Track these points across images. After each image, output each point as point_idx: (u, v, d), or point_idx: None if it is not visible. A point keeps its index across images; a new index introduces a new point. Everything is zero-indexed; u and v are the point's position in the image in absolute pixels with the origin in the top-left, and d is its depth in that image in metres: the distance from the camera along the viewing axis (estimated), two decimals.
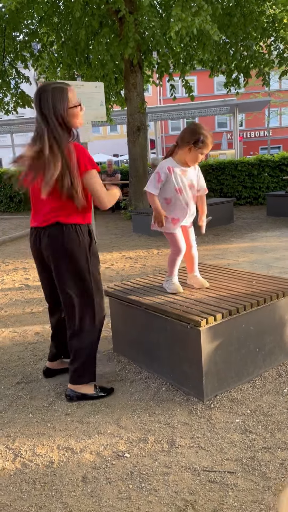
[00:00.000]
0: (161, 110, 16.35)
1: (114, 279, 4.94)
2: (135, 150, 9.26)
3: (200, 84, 30.44)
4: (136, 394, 2.47)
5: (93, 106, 6.27)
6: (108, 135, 30.70)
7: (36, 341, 3.35)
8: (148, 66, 10.06)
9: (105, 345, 3.18)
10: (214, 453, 1.93)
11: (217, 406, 2.28)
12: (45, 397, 2.50)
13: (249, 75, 9.69)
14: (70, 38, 9.52)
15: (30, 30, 9.93)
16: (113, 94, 10.86)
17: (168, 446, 2.00)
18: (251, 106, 17.23)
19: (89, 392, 2.46)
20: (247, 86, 10.36)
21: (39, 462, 1.95)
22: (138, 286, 2.95)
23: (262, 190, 10.87)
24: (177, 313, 2.37)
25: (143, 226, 7.90)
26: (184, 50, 9.49)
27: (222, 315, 2.32)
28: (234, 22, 8.66)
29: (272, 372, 2.61)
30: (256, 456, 1.89)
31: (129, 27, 7.93)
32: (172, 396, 2.41)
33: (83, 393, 2.45)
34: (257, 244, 6.46)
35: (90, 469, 1.88)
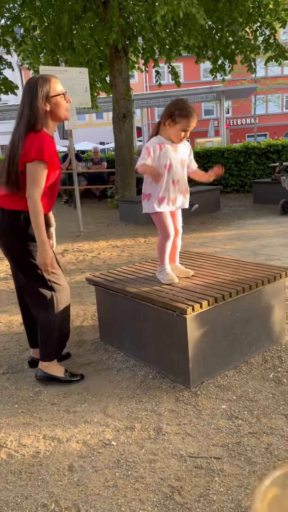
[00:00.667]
0: (147, 97, 16.18)
1: (101, 268, 4.91)
2: (121, 138, 9.16)
3: (186, 71, 30.19)
4: (123, 382, 2.47)
5: (77, 92, 6.16)
6: (94, 122, 30.36)
7: (22, 331, 3.32)
8: (133, 51, 9.91)
9: (91, 334, 3.16)
10: (200, 439, 1.93)
11: (204, 393, 2.29)
12: (31, 387, 2.49)
13: (234, 61, 9.61)
14: (53, 23, 9.29)
15: (12, 14, 9.67)
16: (98, 80, 10.69)
17: (154, 434, 2.00)
18: (237, 93, 17.15)
19: (58, 374, 2.48)
20: (233, 72, 10.29)
21: (25, 452, 1.94)
22: (125, 274, 2.93)
23: (249, 178, 10.88)
24: (163, 301, 2.36)
25: (130, 214, 7.85)
26: (170, 35, 9.35)
27: (208, 303, 2.31)
28: (219, 7, 8.55)
29: (258, 358, 2.63)
30: (242, 442, 1.90)
31: (113, 11, 7.78)
32: (159, 384, 2.41)
33: (52, 374, 2.47)
34: (243, 232, 6.48)
35: (76, 458, 1.88)
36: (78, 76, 6.20)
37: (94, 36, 8.53)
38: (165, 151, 2.52)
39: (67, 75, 6.03)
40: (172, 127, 2.48)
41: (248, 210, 8.49)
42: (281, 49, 9.32)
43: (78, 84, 6.16)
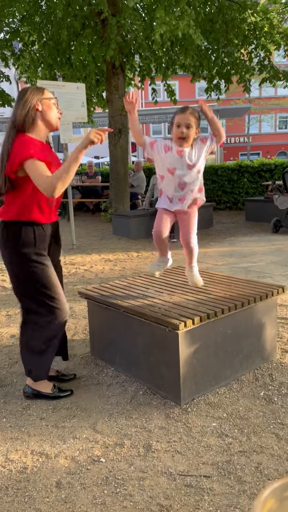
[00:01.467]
0: (142, 114, 16.36)
1: (93, 282, 4.90)
2: (116, 153, 9.23)
3: (181, 89, 30.67)
4: (113, 398, 2.45)
5: (74, 107, 6.22)
6: None
7: (12, 344, 3.29)
8: (130, 69, 10.06)
9: (82, 348, 3.14)
10: (190, 457, 1.92)
11: (194, 410, 2.28)
12: (19, 401, 2.45)
13: (230, 81, 9.79)
14: (51, 38, 9.43)
15: (11, 28, 9.80)
16: (95, 95, 10.81)
17: (144, 451, 1.98)
18: (231, 112, 17.43)
19: (45, 390, 2.45)
20: (228, 92, 10.47)
21: (12, 468, 1.90)
22: (117, 288, 2.93)
23: (242, 196, 10.99)
24: (155, 316, 2.36)
25: (123, 228, 7.88)
26: (167, 54, 9.53)
27: (200, 319, 2.32)
28: (216, 29, 8.75)
29: (249, 375, 2.62)
30: (232, 460, 1.89)
31: (111, 29, 7.91)
32: (149, 400, 2.40)
33: (40, 390, 2.44)
34: (235, 249, 6.52)
35: (64, 474, 1.85)
36: (75, 91, 6.27)
37: (92, 52, 8.65)
38: (170, 154, 2.54)
39: (64, 90, 6.10)
40: (172, 130, 2.53)
41: (240, 227, 8.56)
42: (275, 71, 9.53)
43: (75, 99, 6.23)
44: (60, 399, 2.44)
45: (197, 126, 2.51)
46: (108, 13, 7.69)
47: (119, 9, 8.33)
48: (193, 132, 2.49)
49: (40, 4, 9.18)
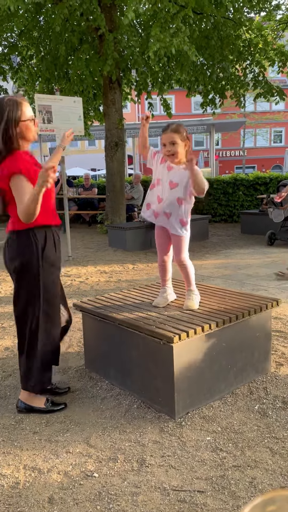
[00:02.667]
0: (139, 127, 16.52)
1: (88, 294, 4.90)
2: (113, 165, 9.29)
3: (177, 103, 31.02)
4: (107, 411, 2.43)
5: (71, 120, 6.28)
6: (86, 149, 30.79)
7: (6, 357, 3.27)
8: (127, 83, 10.19)
9: (76, 361, 3.13)
10: (184, 472, 1.90)
11: (189, 424, 2.27)
12: (12, 415, 2.43)
13: (224, 96, 9.93)
14: (49, 53, 9.56)
15: (9, 43, 9.93)
16: (92, 109, 10.92)
17: (138, 465, 1.96)
18: (227, 126, 17.65)
19: (39, 405, 2.43)
20: (223, 106, 10.62)
21: (4, 483, 1.88)
22: (112, 301, 2.93)
23: (237, 208, 11.06)
24: (150, 329, 2.36)
25: (119, 240, 7.89)
26: (163, 69, 9.67)
27: (195, 331, 2.32)
28: (211, 45, 8.90)
29: (243, 389, 2.62)
30: (226, 475, 1.88)
31: (108, 44, 8.04)
32: (144, 414, 2.38)
33: (32, 405, 2.43)
34: (230, 261, 6.54)
35: (57, 489, 1.83)
36: (72, 105, 6.33)
37: (89, 67, 8.78)
38: (162, 166, 2.61)
39: (62, 104, 6.16)
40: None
41: (235, 240, 8.60)
42: (269, 87, 9.68)
43: (72, 113, 6.29)
44: (54, 413, 2.42)
45: (183, 139, 2.54)
46: (105, 29, 7.81)
47: (116, 25, 8.48)
48: (180, 147, 2.53)
49: (38, 19, 9.32)
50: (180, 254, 2.69)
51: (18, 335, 2.44)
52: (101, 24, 7.71)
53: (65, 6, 7.47)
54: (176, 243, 2.69)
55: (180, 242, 2.68)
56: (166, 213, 2.60)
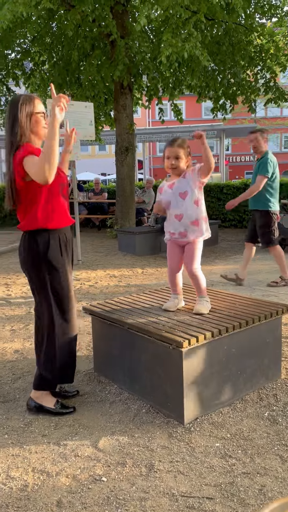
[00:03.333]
0: (149, 132, 16.59)
1: (97, 298, 4.91)
2: (123, 170, 9.33)
3: (188, 109, 31.08)
4: (115, 415, 2.43)
5: (82, 125, 6.33)
6: (97, 154, 30.94)
7: (15, 359, 3.28)
8: (138, 89, 10.24)
9: (85, 364, 3.13)
10: (193, 478, 1.89)
11: (197, 430, 2.26)
12: (21, 418, 2.44)
13: (235, 102, 9.93)
14: (61, 59, 9.66)
15: (22, 49, 10.05)
16: (103, 114, 10.99)
17: (146, 470, 1.95)
18: (237, 132, 17.62)
19: (48, 405, 2.45)
20: (234, 112, 10.61)
21: (12, 485, 1.88)
22: (122, 305, 2.93)
23: (247, 214, 11.02)
24: (159, 334, 2.36)
25: (129, 245, 7.90)
26: (173, 75, 9.71)
27: (205, 337, 2.31)
28: (222, 50, 8.92)
29: (253, 395, 2.60)
30: (235, 482, 1.86)
31: (120, 50, 8.09)
32: (152, 419, 2.38)
33: (42, 404, 2.44)
34: None
35: (65, 493, 1.83)
36: (83, 110, 6.38)
37: (101, 72, 8.84)
38: (164, 192, 2.72)
39: (73, 109, 6.21)
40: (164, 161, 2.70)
41: None
42: (281, 92, 9.66)
43: (83, 118, 6.34)
44: (62, 415, 2.43)
45: (187, 155, 2.63)
46: (117, 35, 7.88)
47: (127, 31, 8.54)
48: (183, 162, 2.62)
49: (51, 25, 9.42)
50: (192, 263, 2.69)
51: (35, 333, 2.49)
52: (112, 30, 7.77)
53: (78, 12, 7.55)
54: (191, 253, 2.69)
55: (194, 251, 2.68)
56: (193, 221, 2.64)
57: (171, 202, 2.66)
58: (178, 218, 2.65)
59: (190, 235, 2.65)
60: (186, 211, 2.62)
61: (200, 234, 2.67)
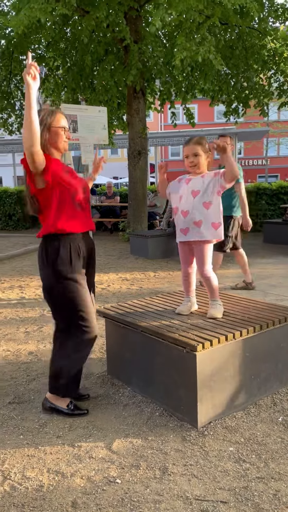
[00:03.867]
0: (162, 136, 16.64)
1: (110, 300, 4.93)
2: (135, 174, 9.37)
3: (200, 112, 31.09)
4: (129, 418, 2.44)
5: (96, 129, 6.38)
6: (109, 158, 31.10)
7: (30, 361, 3.32)
8: (150, 93, 10.30)
9: (99, 367, 3.15)
10: (207, 482, 1.89)
11: (211, 434, 2.26)
12: (36, 419, 2.47)
13: (248, 106, 9.91)
14: (75, 64, 9.76)
15: (37, 54, 10.18)
16: (116, 118, 11.06)
17: (160, 473, 1.96)
18: (250, 135, 17.57)
19: (62, 405, 2.48)
20: (246, 115, 10.59)
21: (28, 486, 1.91)
22: (135, 308, 2.95)
23: (260, 218, 10.97)
24: (173, 337, 2.37)
25: (141, 248, 7.93)
26: (186, 79, 9.74)
27: (219, 340, 2.31)
28: (235, 55, 8.92)
29: (266, 400, 2.59)
30: (249, 486, 1.86)
31: (133, 55, 8.15)
32: (166, 422, 2.38)
33: (56, 405, 2.47)
34: (253, 271, 6.48)
35: (80, 494, 1.85)
36: (97, 115, 6.44)
37: (114, 77, 8.91)
38: (180, 184, 2.72)
39: (87, 113, 6.27)
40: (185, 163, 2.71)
41: (258, 250, 8.52)
42: None
43: (97, 122, 6.39)
44: (75, 417, 2.45)
45: (206, 151, 2.62)
46: (130, 40, 7.93)
47: (141, 36, 8.60)
48: (202, 158, 2.62)
49: (65, 31, 9.53)
50: (203, 265, 2.69)
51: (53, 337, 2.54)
52: (126, 35, 7.83)
53: (92, 18, 7.63)
54: (200, 254, 2.69)
55: (204, 253, 2.68)
56: (196, 221, 2.62)
57: (182, 197, 2.66)
58: (184, 215, 2.66)
59: (191, 234, 2.64)
60: (192, 209, 2.62)
61: (201, 236, 2.63)
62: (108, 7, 7.80)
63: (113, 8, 7.85)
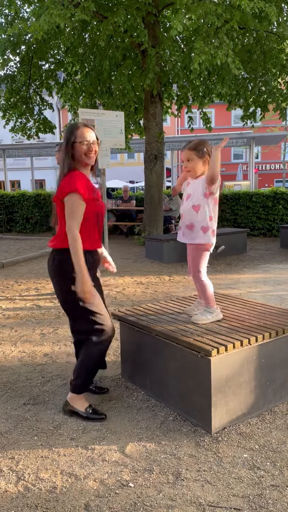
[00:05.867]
0: (178, 140, 16.64)
1: (125, 304, 4.94)
2: (151, 178, 9.39)
3: (217, 116, 31.00)
4: (142, 422, 2.44)
5: (113, 133, 6.42)
6: (125, 162, 31.24)
7: (45, 363, 3.34)
8: (167, 97, 10.32)
9: (113, 370, 3.16)
10: (220, 488, 1.88)
11: (225, 440, 2.24)
12: (51, 420, 2.48)
13: (266, 109, 9.85)
14: (93, 69, 9.86)
15: (56, 59, 10.32)
16: (133, 123, 11.12)
17: (173, 478, 1.95)
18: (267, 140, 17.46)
19: (80, 408, 2.48)
20: (264, 120, 10.52)
21: (42, 487, 1.92)
22: (149, 312, 2.95)
23: (276, 222, 10.87)
24: (187, 341, 2.36)
25: (156, 252, 7.93)
26: (203, 83, 9.73)
27: (234, 346, 2.30)
28: (253, 59, 8.89)
29: (282, 407, 2.56)
30: (264, 494, 1.83)
31: (150, 59, 8.19)
32: (179, 427, 2.37)
33: (74, 407, 2.49)
34: (269, 276, 6.42)
35: (93, 497, 1.85)
36: (114, 119, 6.47)
37: (132, 81, 8.96)
38: (184, 187, 2.77)
39: (104, 118, 6.32)
40: None
41: (275, 254, 8.44)
42: None
43: (114, 126, 6.43)
44: (91, 421, 2.45)
45: (200, 156, 2.59)
46: (148, 45, 7.97)
47: (159, 41, 8.64)
48: (195, 163, 2.60)
49: (83, 36, 9.63)
50: (195, 269, 2.68)
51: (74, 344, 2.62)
52: (144, 40, 7.88)
53: (110, 23, 7.69)
54: (193, 257, 2.69)
55: (195, 257, 2.67)
56: (188, 225, 2.64)
57: (183, 200, 2.73)
58: (182, 217, 2.72)
59: (185, 237, 2.67)
60: (185, 212, 2.66)
61: (192, 240, 2.63)
62: (126, 13, 7.86)
63: (131, 13, 7.91)
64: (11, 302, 5.21)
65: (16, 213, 13.36)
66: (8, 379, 3.08)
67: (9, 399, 2.77)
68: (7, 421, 2.49)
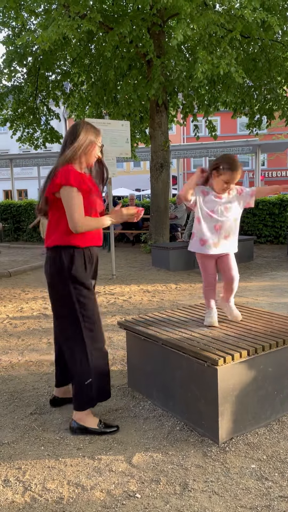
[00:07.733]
0: (184, 148, 16.72)
1: (131, 312, 4.94)
2: (158, 186, 9.43)
3: (223, 124, 31.10)
4: (149, 432, 2.42)
5: (119, 143, 6.47)
6: (131, 170, 31.40)
7: (52, 372, 3.34)
8: (173, 106, 10.39)
9: (119, 379, 3.15)
10: (228, 499, 1.86)
11: (233, 450, 2.22)
12: (57, 430, 2.48)
13: (272, 117, 9.88)
14: (99, 79, 9.97)
15: (62, 70, 10.45)
16: (138, 131, 11.19)
17: (180, 489, 1.94)
18: (273, 147, 17.48)
19: (92, 426, 2.41)
20: (270, 127, 10.54)
21: (48, 497, 1.91)
22: (156, 320, 2.95)
23: (283, 229, 10.84)
24: (194, 350, 2.35)
25: (163, 260, 7.93)
26: (209, 92, 9.79)
27: (240, 355, 2.29)
28: (258, 67, 8.94)
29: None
30: (272, 505, 1.81)
31: (156, 69, 8.27)
32: (186, 437, 2.36)
33: (86, 426, 2.41)
34: (277, 284, 6.39)
35: (100, 508, 1.84)
36: (120, 128, 6.53)
37: (137, 91, 9.05)
38: (209, 198, 2.73)
39: (110, 127, 6.38)
40: (215, 178, 2.67)
41: (282, 262, 8.40)
42: None
43: (120, 136, 6.49)
44: (107, 435, 2.39)
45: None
46: (153, 55, 8.05)
47: (164, 51, 8.72)
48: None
49: (89, 47, 9.76)
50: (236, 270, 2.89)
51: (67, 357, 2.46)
52: (149, 50, 7.96)
53: (116, 34, 7.79)
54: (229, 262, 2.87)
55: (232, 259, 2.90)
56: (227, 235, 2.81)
57: (214, 211, 2.76)
58: (216, 229, 2.77)
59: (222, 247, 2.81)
60: (226, 222, 2.77)
61: (235, 249, 2.86)
62: (132, 23, 7.95)
63: (137, 24, 8.00)
64: (18, 311, 5.23)
65: (23, 222, 13.45)
66: (15, 388, 3.08)
67: (16, 408, 2.77)
68: (14, 430, 2.49)
